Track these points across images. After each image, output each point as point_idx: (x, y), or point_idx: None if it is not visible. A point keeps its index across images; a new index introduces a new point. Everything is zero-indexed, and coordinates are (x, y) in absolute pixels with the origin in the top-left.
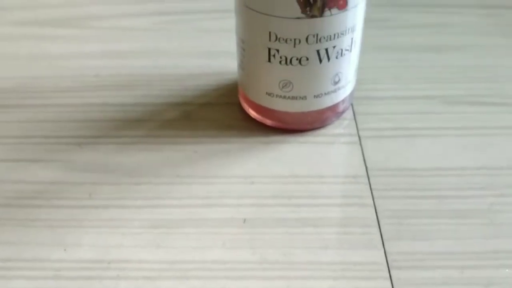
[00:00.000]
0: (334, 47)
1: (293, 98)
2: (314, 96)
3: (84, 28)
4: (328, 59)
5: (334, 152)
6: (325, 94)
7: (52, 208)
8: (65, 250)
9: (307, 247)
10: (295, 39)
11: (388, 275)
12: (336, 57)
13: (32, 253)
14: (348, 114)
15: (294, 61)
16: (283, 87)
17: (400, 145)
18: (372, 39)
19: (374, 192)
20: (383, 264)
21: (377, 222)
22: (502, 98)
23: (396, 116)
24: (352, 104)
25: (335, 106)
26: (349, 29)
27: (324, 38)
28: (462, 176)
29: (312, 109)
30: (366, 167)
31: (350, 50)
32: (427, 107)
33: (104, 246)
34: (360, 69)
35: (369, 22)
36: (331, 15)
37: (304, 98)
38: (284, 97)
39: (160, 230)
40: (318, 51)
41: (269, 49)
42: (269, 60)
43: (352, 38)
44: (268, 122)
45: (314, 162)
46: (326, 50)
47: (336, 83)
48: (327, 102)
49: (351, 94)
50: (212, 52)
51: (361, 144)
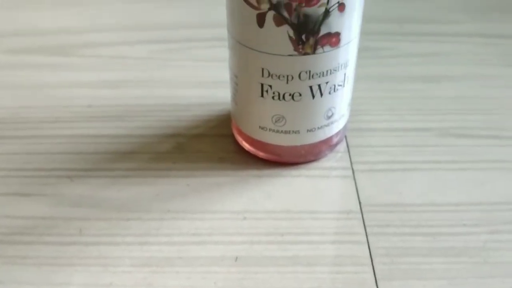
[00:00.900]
0: (327, 83)
1: (286, 132)
2: (307, 131)
3: (78, 56)
4: (321, 95)
5: (328, 187)
6: (318, 129)
7: (42, 245)
8: None
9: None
10: (288, 76)
11: None
12: (329, 93)
13: None
14: (342, 147)
15: (287, 97)
16: (276, 122)
17: (394, 179)
18: (366, 69)
19: (368, 229)
20: None
21: (371, 261)
22: (496, 131)
23: (390, 149)
24: (346, 136)
25: (329, 139)
26: (342, 65)
27: (317, 75)
28: (456, 212)
29: (305, 143)
30: (360, 202)
31: (343, 85)
32: (421, 140)
33: (95, 285)
34: (354, 99)
35: (363, 51)
36: (324, 52)
37: (297, 132)
38: (277, 131)
39: (151, 269)
40: (311, 87)
41: (262, 85)
42: (262, 95)
43: (345, 74)
44: (261, 155)
45: (308, 197)
46: (319, 86)
47: (329, 118)
48: (321, 136)
49: (345, 127)
50: (207, 82)
51: (355, 178)
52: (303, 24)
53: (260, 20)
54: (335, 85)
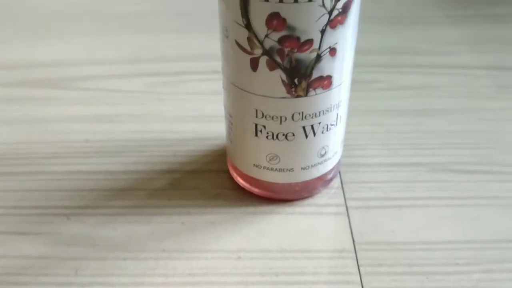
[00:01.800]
0: (320, 123)
1: (281, 170)
2: (301, 168)
3: (75, 90)
4: (314, 134)
5: (322, 224)
6: (312, 166)
7: (38, 286)
8: None
9: None
10: (281, 117)
11: None
12: (322, 132)
13: None
14: (336, 182)
15: (281, 137)
16: (270, 160)
17: (387, 217)
18: (358, 102)
19: (361, 268)
20: None
21: None
22: (488, 166)
23: (383, 185)
24: (340, 172)
25: (323, 176)
26: (334, 106)
27: (310, 115)
28: (448, 250)
29: (300, 181)
30: (353, 241)
31: (336, 124)
32: (414, 175)
33: None
34: (347, 134)
35: (355, 84)
36: (316, 95)
37: (291, 170)
38: (272, 169)
39: None
40: (304, 127)
41: (256, 125)
42: (256, 135)
43: (338, 114)
44: (256, 191)
45: (302, 235)
46: (312, 126)
47: (323, 156)
48: (314, 174)
49: (339, 162)
50: (203, 116)
51: (349, 215)
52: (295, 69)
53: (254, 65)
54: (328, 125)
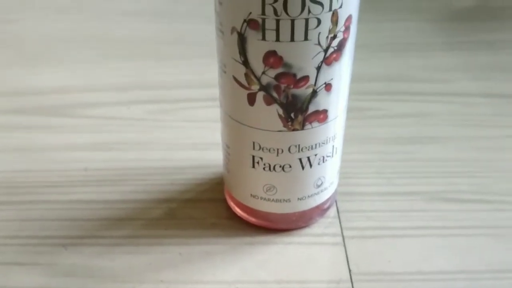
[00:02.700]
0: (316, 155)
1: (277, 201)
2: (298, 199)
3: (75, 117)
4: (310, 166)
5: (319, 254)
6: (309, 197)
7: None
8: None
9: None
10: (278, 149)
11: None
12: (318, 164)
13: None
14: (332, 211)
15: (278, 168)
16: (267, 191)
17: (383, 247)
18: (354, 130)
19: None
20: None
21: None
22: (483, 195)
23: (379, 214)
24: (336, 201)
25: (320, 206)
26: (330, 138)
27: (306, 148)
28: (443, 281)
29: (296, 211)
30: (350, 271)
31: (332, 156)
32: (409, 205)
33: None
34: (343, 162)
35: (350, 112)
36: (312, 128)
37: (288, 201)
38: (268, 200)
39: None
40: (301, 159)
41: (253, 157)
42: (253, 166)
43: (333, 145)
44: (253, 221)
45: (299, 266)
46: (308, 158)
47: (319, 186)
48: (311, 204)
49: (335, 191)
50: (201, 144)
51: (345, 245)
52: (292, 104)
53: (251, 99)
54: (324, 156)
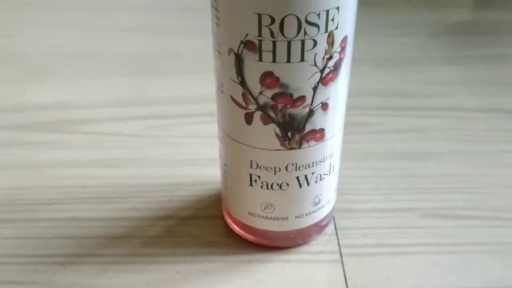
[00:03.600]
0: (313, 173)
1: (275, 219)
2: (296, 217)
3: (73, 133)
4: (308, 184)
5: (316, 272)
6: (306, 215)
7: None
8: None
9: None
10: (275, 168)
11: None
12: (316, 182)
13: None
14: (330, 228)
15: (275, 186)
16: (265, 209)
17: (380, 264)
18: (350, 145)
19: None
20: None
21: None
22: (479, 211)
23: (376, 231)
24: (334, 218)
25: (317, 223)
26: (327, 156)
27: (303, 166)
28: None
29: (294, 229)
30: None
31: (329, 174)
32: (406, 221)
33: None
34: (341, 178)
35: (347, 127)
36: (309, 147)
37: (286, 219)
38: (266, 218)
39: None
40: (298, 178)
41: (251, 175)
42: (251, 184)
43: (331, 163)
44: (251, 238)
45: (297, 284)
46: (306, 177)
47: (317, 204)
48: (309, 221)
49: (333, 209)
50: (199, 160)
51: (343, 263)
52: (289, 123)
53: (248, 119)
54: (321, 175)
